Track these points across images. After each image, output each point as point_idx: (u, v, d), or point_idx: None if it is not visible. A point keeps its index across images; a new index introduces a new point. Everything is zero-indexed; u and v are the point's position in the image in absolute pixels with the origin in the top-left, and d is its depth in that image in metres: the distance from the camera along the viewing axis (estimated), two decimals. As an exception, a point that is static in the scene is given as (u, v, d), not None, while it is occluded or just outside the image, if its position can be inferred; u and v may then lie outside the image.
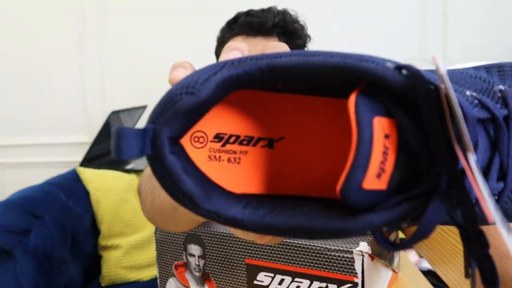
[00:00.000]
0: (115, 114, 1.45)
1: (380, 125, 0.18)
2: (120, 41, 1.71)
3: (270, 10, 0.72)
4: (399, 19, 1.57)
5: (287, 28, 0.73)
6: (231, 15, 0.88)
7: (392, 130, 0.19)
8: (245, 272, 0.48)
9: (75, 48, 1.73)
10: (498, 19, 1.52)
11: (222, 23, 1.71)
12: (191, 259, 0.52)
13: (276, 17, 0.70)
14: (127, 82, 1.73)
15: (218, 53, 0.79)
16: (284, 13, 0.72)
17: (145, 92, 1.72)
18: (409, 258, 0.83)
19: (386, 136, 0.18)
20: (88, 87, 1.74)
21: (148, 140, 0.19)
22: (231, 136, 0.24)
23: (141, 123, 1.71)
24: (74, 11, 1.71)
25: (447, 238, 0.37)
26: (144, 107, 1.67)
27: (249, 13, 0.71)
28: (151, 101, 1.71)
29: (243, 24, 0.70)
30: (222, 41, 0.76)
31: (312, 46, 0.86)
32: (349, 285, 0.42)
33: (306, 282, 0.44)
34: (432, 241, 0.41)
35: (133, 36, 1.70)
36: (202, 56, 1.66)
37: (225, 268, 0.50)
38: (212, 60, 1.64)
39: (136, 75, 1.72)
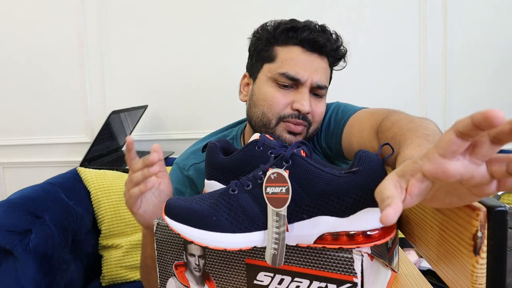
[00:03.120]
0: (115, 114, 1.45)
1: None
2: (120, 41, 1.71)
3: (325, 29, 0.76)
4: (399, 19, 1.57)
5: (339, 53, 0.78)
6: (230, 15, 0.88)
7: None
8: (245, 272, 0.49)
9: (76, 48, 1.73)
10: (498, 19, 1.52)
11: (221, 23, 1.71)
12: (191, 259, 0.52)
13: (335, 43, 0.76)
14: (127, 82, 1.73)
15: (260, 49, 0.78)
16: (338, 38, 0.78)
17: (145, 92, 1.72)
18: (409, 258, 0.83)
19: None
20: (89, 87, 1.75)
21: None
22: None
23: (141, 123, 1.72)
24: (74, 11, 1.71)
25: (447, 238, 0.37)
26: (144, 107, 1.67)
27: (309, 27, 0.74)
28: (151, 101, 1.72)
29: (305, 39, 0.73)
30: (271, 41, 0.77)
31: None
32: (348, 285, 0.42)
33: (306, 282, 0.44)
34: (432, 241, 0.41)
35: (133, 37, 1.70)
36: (202, 56, 1.66)
37: (225, 268, 0.50)
38: (211, 60, 1.65)
39: (136, 75, 1.72)
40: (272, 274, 0.47)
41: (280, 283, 0.46)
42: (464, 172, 0.29)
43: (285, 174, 0.42)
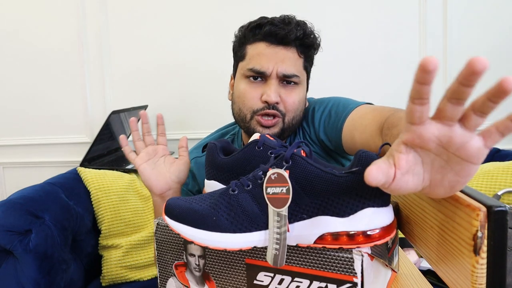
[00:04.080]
0: (115, 114, 1.45)
1: None
2: (120, 41, 1.71)
3: (291, 21, 0.78)
4: (399, 19, 1.57)
5: (306, 41, 0.79)
6: (230, 15, 0.89)
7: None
8: (245, 272, 0.49)
9: (76, 48, 1.73)
10: (498, 19, 1.52)
11: (221, 23, 1.71)
12: (191, 259, 0.53)
13: (298, 31, 0.77)
14: (127, 82, 1.73)
15: (236, 49, 0.85)
16: (304, 26, 0.79)
17: (145, 92, 1.72)
18: (409, 258, 0.83)
19: None
20: (89, 87, 1.75)
21: None
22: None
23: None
24: (74, 11, 1.71)
25: (447, 238, 0.37)
26: (144, 107, 1.67)
27: (272, 22, 0.77)
28: (151, 101, 1.72)
29: (267, 33, 0.76)
30: (242, 41, 0.82)
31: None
32: (348, 285, 0.42)
33: (306, 282, 0.44)
34: (432, 241, 0.41)
35: (133, 36, 1.70)
36: (202, 56, 1.66)
37: (225, 268, 0.50)
38: (211, 60, 1.65)
39: (136, 75, 1.72)
40: (272, 274, 0.47)
41: (280, 283, 0.46)
42: (439, 134, 0.31)
43: (286, 174, 0.42)
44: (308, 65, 0.83)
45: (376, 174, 0.31)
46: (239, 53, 0.82)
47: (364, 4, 1.58)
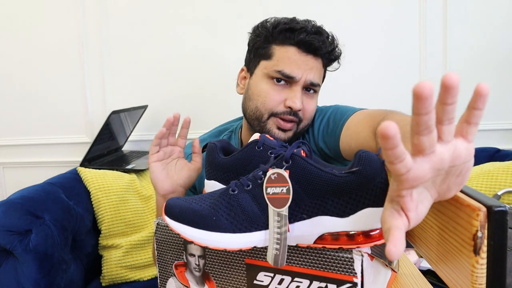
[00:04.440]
0: (115, 114, 1.45)
1: None
2: (120, 41, 1.71)
3: (322, 32, 0.79)
4: (399, 19, 1.57)
5: (333, 55, 0.81)
6: (230, 15, 0.88)
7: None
8: (245, 272, 0.49)
9: (76, 48, 1.73)
10: (499, 19, 1.52)
11: (221, 23, 1.71)
12: (191, 259, 0.53)
13: (330, 45, 0.79)
14: (127, 82, 1.73)
15: (259, 45, 0.81)
16: (333, 39, 0.80)
17: (145, 92, 1.72)
18: (409, 258, 0.83)
19: None
20: (88, 87, 1.75)
21: None
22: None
23: (141, 123, 1.72)
24: (74, 11, 1.71)
25: (447, 238, 0.37)
26: (144, 107, 1.67)
27: (306, 29, 0.77)
28: (151, 101, 1.72)
29: (301, 41, 0.77)
30: (269, 40, 0.80)
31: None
32: (348, 285, 0.42)
33: (306, 282, 0.44)
34: (432, 241, 0.41)
35: (133, 37, 1.70)
36: (202, 56, 1.66)
37: (225, 268, 0.50)
38: (211, 60, 1.65)
39: (136, 75, 1.72)
40: (272, 274, 0.47)
41: (280, 283, 0.46)
42: (430, 165, 0.30)
43: (286, 174, 0.42)
44: (325, 75, 0.85)
45: (396, 252, 0.29)
46: (262, 51, 0.80)
47: (363, 4, 1.58)
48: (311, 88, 0.79)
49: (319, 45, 0.76)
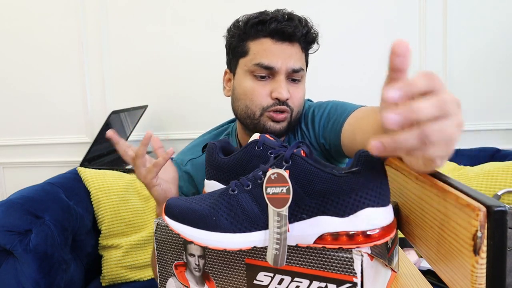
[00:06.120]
0: (115, 114, 1.45)
1: None
2: (120, 41, 1.71)
3: (293, 17, 0.79)
4: (399, 19, 1.57)
5: (310, 38, 0.81)
6: (230, 15, 0.89)
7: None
8: (245, 272, 0.49)
9: (76, 49, 1.73)
10: (499, 20, 1.52)
11: (221, 23, 1.71)
12: (191, 259, 0.53)
13: (303, 28, 0.78)
14: (127, 82, 1.73)
15: (234, 45, 0.82)
16: (306, 22, 0.80)
17: (145, 92, 1.72)
18: (409, 258, 0.83)
19: None
20: (89, 87, 1.75)
21: None
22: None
23: (141, 123, 1.72)
24: (74, 12, 1.71)
25: (447, 238, 0.37)
26: (144, 107, 1.67)
27: (277, 19, 0.77)
28: (151, 101, 1.72)
29: (273, 30, 0.77)
30: (243, 37, 0.81)
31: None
32: (348, 285, 0.42)
33: (306, 282, 0.44)
34: (431, 241, 0.41)
35: (133, 37, 1.70)
36: (202, 56, 1.66)
37: (225, 268, 0.50)
38: (211, 60, 1.64)
39: (136, 76, 1.72)
40: (272, 274, 0.47)
41: (280, 283, 0.46)
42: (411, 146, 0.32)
43: (285, 174, 0.42)
44: (307, 59, 0.85)
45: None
46: (239, 49, 0.81)
47: (363, 4, 1.58)
48: (295, 75, 0.79)
49: (292, 30, 0.76)
